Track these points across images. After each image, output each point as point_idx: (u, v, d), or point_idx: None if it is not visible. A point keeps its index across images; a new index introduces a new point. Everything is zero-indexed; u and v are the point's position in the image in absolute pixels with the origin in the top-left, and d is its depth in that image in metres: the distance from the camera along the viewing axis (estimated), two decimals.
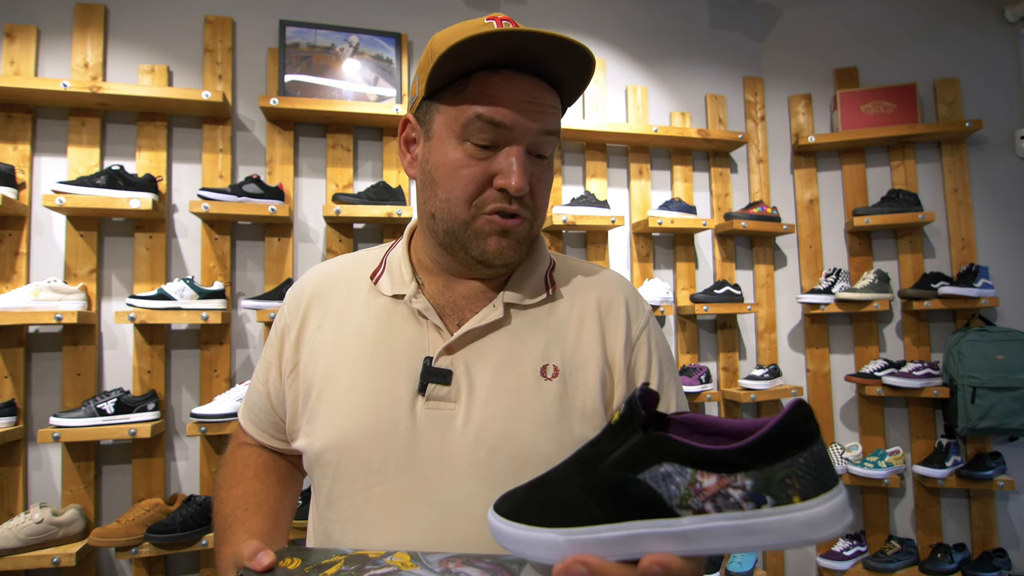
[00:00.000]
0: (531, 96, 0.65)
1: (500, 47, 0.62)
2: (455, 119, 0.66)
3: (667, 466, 0.37)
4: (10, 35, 1.95)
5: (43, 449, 1.90)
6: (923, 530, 2.44)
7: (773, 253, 2.66)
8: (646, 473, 0.38)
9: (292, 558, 0.55)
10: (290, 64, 2.16)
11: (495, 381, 0.67)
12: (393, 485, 0.65)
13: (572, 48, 0.62)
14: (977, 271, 2.36)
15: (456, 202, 0.66)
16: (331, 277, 0.78)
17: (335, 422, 0.68)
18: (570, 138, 2.44)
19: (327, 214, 2.06)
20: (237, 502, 0.73)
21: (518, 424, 0.65)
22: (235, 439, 0.85)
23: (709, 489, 0.36)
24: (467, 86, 0.65)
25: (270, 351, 0.78)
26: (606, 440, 0.42)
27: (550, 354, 0.69)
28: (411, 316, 0.71)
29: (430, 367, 0.67)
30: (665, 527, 0.37)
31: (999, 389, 2.22)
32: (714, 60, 2.70)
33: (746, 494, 0.35)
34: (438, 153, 0.67)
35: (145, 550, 1.76)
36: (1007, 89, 2.55)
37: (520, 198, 0.66)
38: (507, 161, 0.65)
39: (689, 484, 0.36)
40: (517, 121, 0.64)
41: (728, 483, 0.35)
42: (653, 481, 0.38)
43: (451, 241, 0.69)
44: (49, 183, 1.93)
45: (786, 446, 0.35)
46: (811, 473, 0.34)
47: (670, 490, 0.37)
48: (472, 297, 0.72)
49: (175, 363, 2.03)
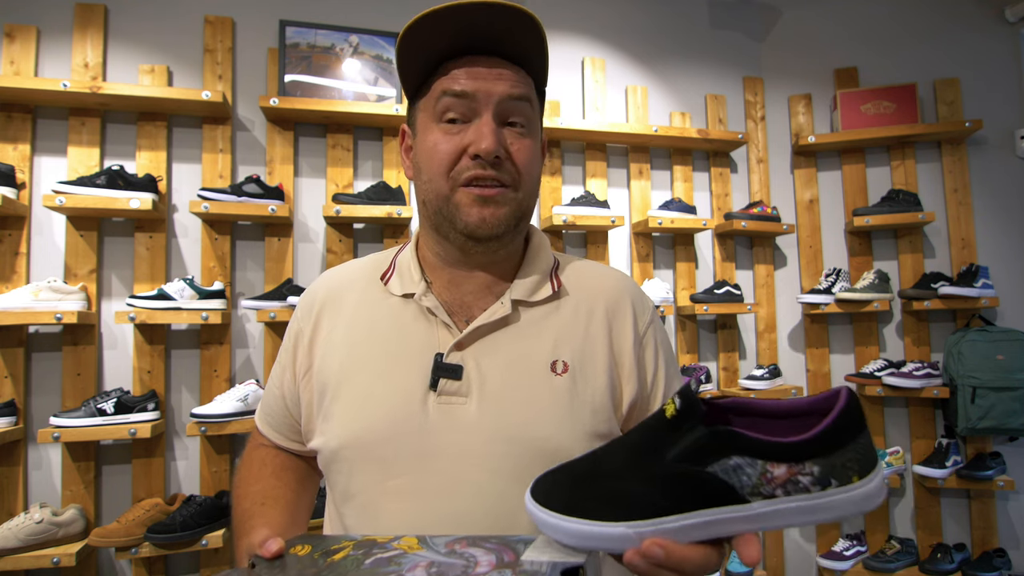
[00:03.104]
0: (490, 67, 0.68)
1: (447, 29, 0.66)
2: (428, 105, 0.70)
3: (736, 459, 0.39)
4: (10, 35, 1.95)
5: (43, 449, 1.90)
6: (923, 530, 2.44)
7: (773, 253, 2.66)
8: (715, 466, 0.40)
9: (302, 545, 0.56)
10: (290, 64, 2.16)
11: (506, 376, 0.68)
12: (408, 479, 0.66)
13: (512, 13, 0.65)
14: (977, 271, 2.36)
15: (436, 178, 0.69)
16: (342, 281, 0.80)
17: (350, 420, 0.69)
18: (570, 138, 2.44)
19: (327, 214, 2.06)
20: (255, 497, 0.75)
21: (530, 417, 0.67)
22: (252, 441, 0.87)
23: (780, 478, 0.38)
24: (434, 75, 0.70)
25: (284, 355, 0.80)
26: (663, 433, 0.43)
27: (559, 350, 0.71)
28: (421, 314, 0.72)
29: (441, 363, 0.68)
30: (736, 512, 0.40)
31: (999, 389, 2.22)
32: (714, 60, 2.70)
33: (814, 479, 0.37)
34: (421, 141, 0.72)
35: (145, 550, 1.76)
36: (1007, 89, 2.55)
37: (497, 165, 0.68)
38: (476, 129, 0.68)
39: (760, 475, 0.38)
40: (479, 88, 0.67)
41: (797, 471, 0.38)
42: (724, 473, 0.40)
43: (440, 221, 0.71)
44: (49, 183, 1.93)
45: (847, 434, 0.38)
46: (865, 454, 0.38)
47: (741, 480, 0.39)
48: (479, 294, 0.74)
49: (175, 363, 2.03)
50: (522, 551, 0.47)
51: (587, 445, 0.65)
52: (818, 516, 0.39)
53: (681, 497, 0.41)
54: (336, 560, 0.50)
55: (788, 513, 0.39)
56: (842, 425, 0.38)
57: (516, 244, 0.76)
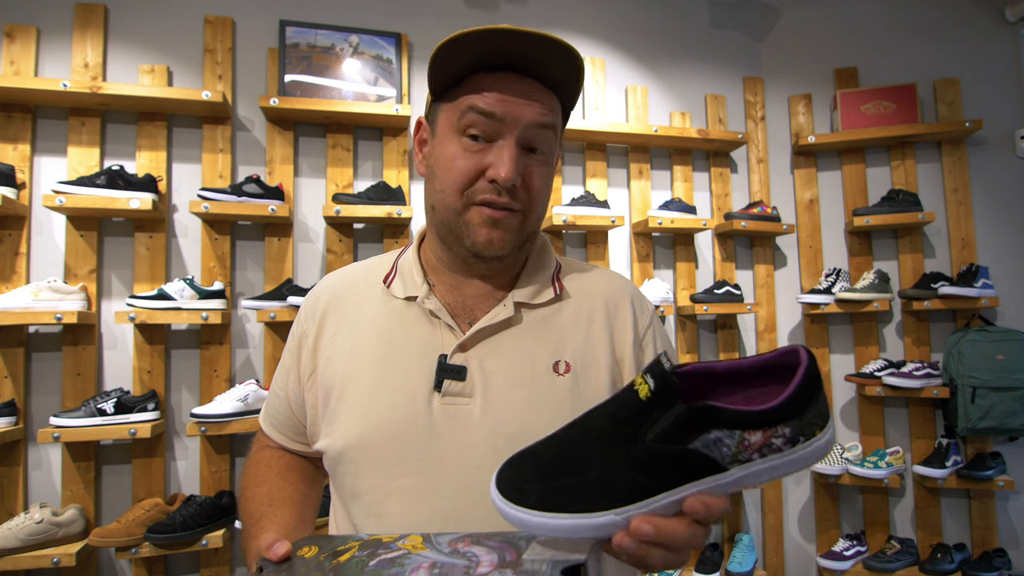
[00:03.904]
0: (521, 90, 0.68)
1: (488, 47, 0.65)
2: (453, 114, 0.69)
3: (716, 432, 0.41)
4: (10, 35, 1.95)
5: (43, 449, 1.90)
6: (923, 530, 2.44)
7: (773, 253, 2.66)
8: (696, 442, 0.41)
9: (309, 546, 0.56)
10: (290, 64, 2.16)
11: (509, 376, 0.69)
12: (413, 478, 0.67)
13: (556, 46, 0.65)
14: (977, 271, 2.36)
15: (450, 192, 0.69)
16: (345, 284, 0.81)
17: (355, 421, 0.70)
18: (570, 138, 2.44)
19: (327, 214, 2.06)
20: (263, 499, 0.75)
21: (534, 416, 0.67)
22: (257, 443, 0.88)
23: (756, 443, 0.40)
24: (464, 84, 0.69)
25: (288, 358, 0.81)
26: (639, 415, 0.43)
27: (562, 351, 0.71)
28: (424, 317, 0.73)
29: (445, 364, 0.69)
30: (717, 481, 0.42)
31: (999, 389, 2.22)
32: (714, 60, 2.70)
33: (786, 439, 0.40)
34: (439, 148, 0.71)
35: (145, 550, 1.76)
36: (1007, 89, 2.55)
37: (511, 190, 0.68)
38: (498, 153, 0.67)
39: (739, 443, 0.40)
40: (508, 111, 0.67)
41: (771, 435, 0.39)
42: (704, 447, 0.41)
43: (447, 232, 0.72)
44: (49, 183, 1.93)
45: (811, 392, 0.40)
46: (824, 408, 0.40)
47: (722, 452, 0.41)
48: (481, 297, 0.75)
49: (175, 363, 2.03)
50: (524, 548, 0.47)
51: None
52: (786, 471, 0.41)
53: (666, 477, 0.42)
54: (342, 562, 0.50)
55: (761, 472, 0.41)
56: (807, 385, 0.40)
57: (519, 258, 0.77)
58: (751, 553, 2.36)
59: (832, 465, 2.39)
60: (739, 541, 2.39)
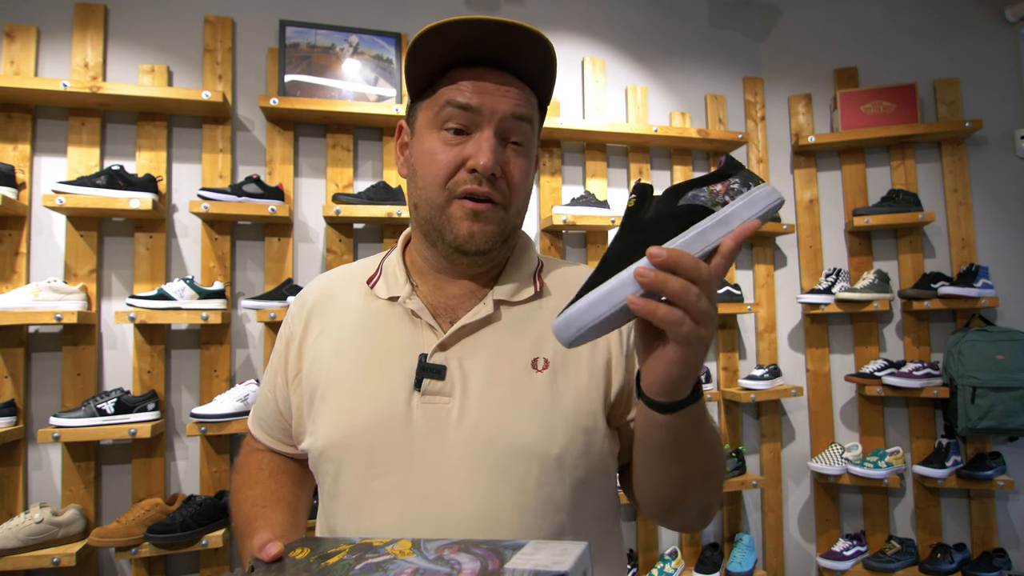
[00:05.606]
0: (497, 83, 0.69)
1: (463, 38, 0.67)
2: (431, 110, 0.71)
3: (691, 192, 0.54)
4: (10, 35, 1.95)
5: (43, 449, 1.90)
6: (923, 530, 2.44)
7: (773, 253, 2.66)
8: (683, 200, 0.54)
9: (301, 548, 0.57)
10: (290, 64, 2.16)
11: (488, 374, 0.69)
12: (392, 478, 0.67)
13: (529, 35, 0.66)
14: (977, 271, 2.36)
15: (431, 187, 0.70)
16: (331, 286, 0.82)
17: (336, 420, 0.70)
18: (570, 138, 2.44)
19: (327, 214, 2.06)
20: (255, 501, 0.76)
21: (512, 415, 0.67)
22: (246, 447, 0.88)
23: (721, 190, 0.54)
24: (441, 80, 0.70)
25: (276, 359, 0.82)
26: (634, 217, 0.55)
27: (541, 348, 0.71)
28: (406, 316, 0.74)
29: (425, 363, 0.69)
30: (713, 219, 0.53)
31: (999, 389, 2.22)
32: (714, 60, 2.70)
33: (741, 183, 0.54)
34: (419, 145, 0.72)
35: (145, 550, 1.76)
36: (1007, 89, 2.55)
37: (492, 181, 0.69)
38: (477, 143, 0.68)
39: (710, 192, 0.54)
40: (484, 103, 0.68)
41: (728, 184, 0.54)
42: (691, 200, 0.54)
43: (430, 229, 0.72)
44: (49, 183, 1.93)
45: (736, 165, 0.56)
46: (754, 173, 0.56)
47: (703, 200, 0.54)
48: (463, 297, 0.75)
49: (175, 363, 2.03)
50: (509, 558, 0.47)
51: (568, 441, 0.66)
52: (759, 205, 0.53)
53: (672, 227, 0.52)
54: (330, 564, 0.51)
55: (742, 208, 0.53)
56: (730, 162, 0.56)
57: (502, 254, 0.77)
58: (751, 553, 2.36)
59: (832, 465, 2.39)
60: (739, 541, 2.39)
